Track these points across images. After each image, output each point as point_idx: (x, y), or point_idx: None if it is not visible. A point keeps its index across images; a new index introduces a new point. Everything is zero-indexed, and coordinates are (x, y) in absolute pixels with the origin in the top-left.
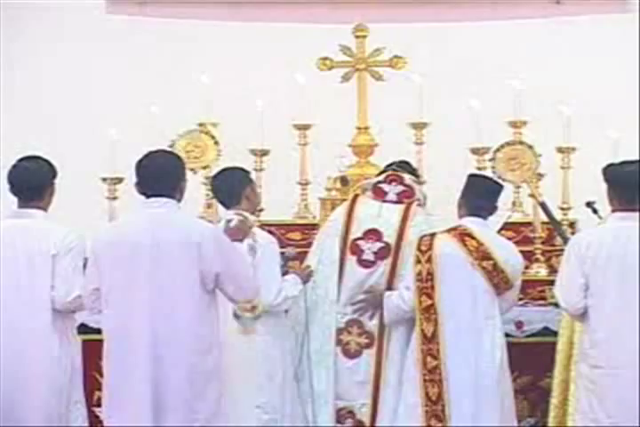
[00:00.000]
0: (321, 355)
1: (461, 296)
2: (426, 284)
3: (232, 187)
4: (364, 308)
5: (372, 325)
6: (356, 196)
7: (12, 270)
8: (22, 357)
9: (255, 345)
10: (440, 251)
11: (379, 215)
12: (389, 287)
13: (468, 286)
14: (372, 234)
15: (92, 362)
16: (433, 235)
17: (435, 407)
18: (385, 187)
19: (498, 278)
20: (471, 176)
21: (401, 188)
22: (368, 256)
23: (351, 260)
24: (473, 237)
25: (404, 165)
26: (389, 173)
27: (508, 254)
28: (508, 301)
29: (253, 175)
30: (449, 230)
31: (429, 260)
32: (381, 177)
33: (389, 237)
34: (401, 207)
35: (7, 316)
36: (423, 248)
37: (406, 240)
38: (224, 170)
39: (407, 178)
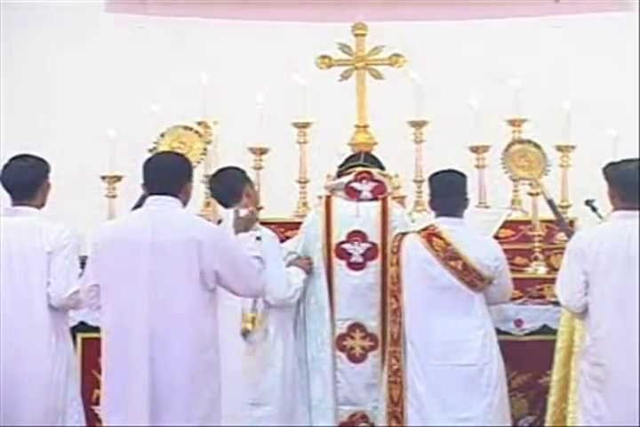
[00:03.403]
0: (316, 362)
1: (431, 297)
2: (394, 286)
3: (232, 185)
4: None
5: (374, 326)
6: (329, 198)
7: (7, 269)
8: (19, 355)
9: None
10: (406, 253)
11: (357, 215)
12: (384, 286)
13: (437, 286)
14: (357, 236)
15: (91, 360)
16: (404, 234)
17: (395, 409)
18: (357, 186)
19: (470, 277)
20: (431, 177)
21: (373, 184)
22: (356, 258)
23: (340, 264)
24: (440, 237)
25: (372, 160)
26: (359, 170)
27: (480, 253)
28: (500, 289)
29: (253, 173)
30: (419, 231)
31: (398, 262)
32: (351, 176)
33: (374, 236)
34: (377, 204)
35: (3, 314)
36: (394, 250)
37: (390, 236)
38: (221, 170)
39: (376, 173)
